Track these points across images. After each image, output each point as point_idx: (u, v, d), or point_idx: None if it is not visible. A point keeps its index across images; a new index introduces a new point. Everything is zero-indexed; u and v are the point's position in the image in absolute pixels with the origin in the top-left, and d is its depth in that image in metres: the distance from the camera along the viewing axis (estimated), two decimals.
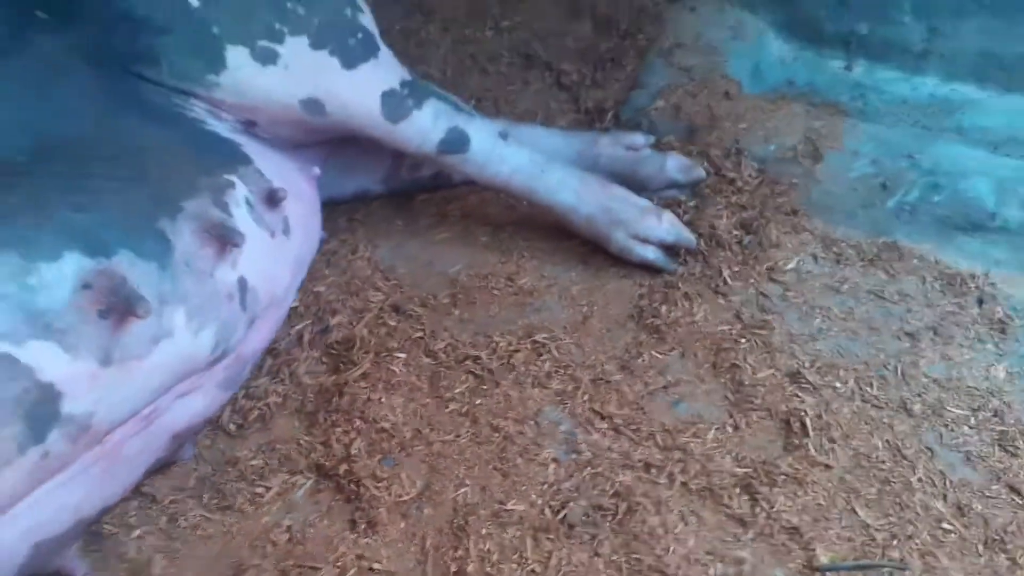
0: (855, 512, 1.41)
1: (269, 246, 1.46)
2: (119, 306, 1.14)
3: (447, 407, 1.56)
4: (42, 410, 1.09)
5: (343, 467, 1.42)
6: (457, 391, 1.59)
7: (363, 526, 1.35)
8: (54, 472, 1.15)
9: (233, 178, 1.44)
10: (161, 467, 1.41)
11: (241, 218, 1.39)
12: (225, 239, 1.31)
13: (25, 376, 1.07)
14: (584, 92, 2.48)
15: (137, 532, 1.34)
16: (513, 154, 1.87)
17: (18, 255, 1.10)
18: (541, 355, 1.68)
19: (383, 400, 1.55)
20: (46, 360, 1.09)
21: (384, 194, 2.10)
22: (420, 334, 1.70)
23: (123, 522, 1.36)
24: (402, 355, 1.64)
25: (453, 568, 1.30)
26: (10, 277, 1.08)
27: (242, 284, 1.37)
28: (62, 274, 1.12)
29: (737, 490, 1.43)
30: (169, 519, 1.36)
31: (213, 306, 1.30)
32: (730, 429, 1.55)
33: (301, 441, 1.49)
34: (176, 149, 1.42)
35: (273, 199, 1.49)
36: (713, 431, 1.53)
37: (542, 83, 2.58)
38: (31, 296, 1.09)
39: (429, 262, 1.93)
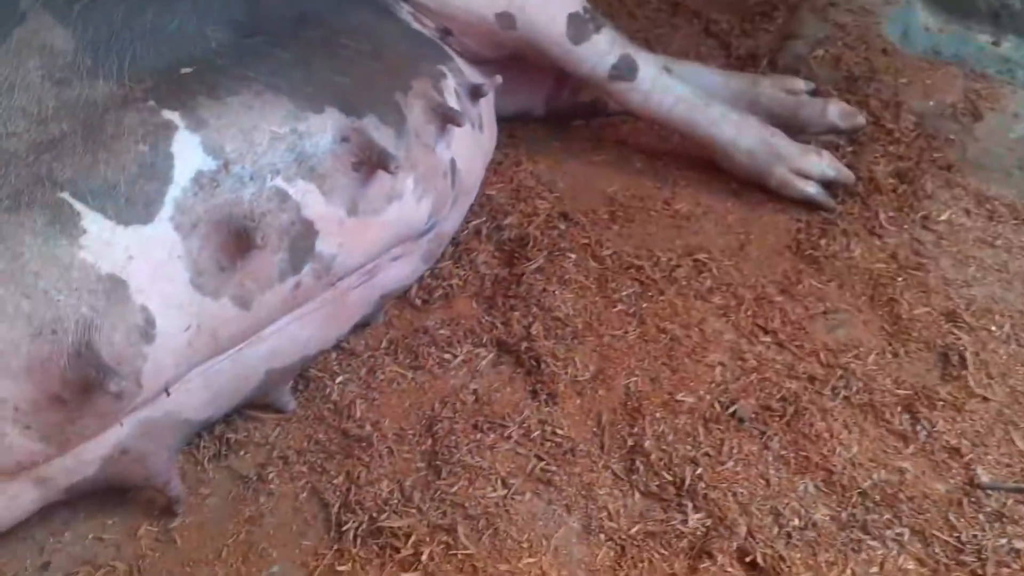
0: (1013, 442, 1.46)
1: (471, 136, 1.56)
2: (370, 160, 1.24)
3: (615, 307, 1.65)
4: (302, 243, 1.21)
5: (524, 344, 1.52)
6: (624, 294, 1.68)
7: (544, 396, 1.45)
8: (297, 305, 1.27)
9: (444, 69, 1.54)
10: (358, 327, 1.53)
11: (454, 105, 1.49)
12: (448, 118, 1.41)
13: (293, 210, 1.19)
14: (735, 40, 2.52)
15: (340, 379, 1.46)
16: (676, 86, 1.92)
17: (291, 102, 1.21)
18: (702, 272, 1.75)
19: (556, 293, 1.64)
20: (309, 199, 1.21)
21: (542, 116, 2.18)
22: (586, 240, 1.79)
23: (327, 369, 1.48)
24: (572, 256, 1.73)
25: (630, 443, 1.39)
26: (284, 120, 1.20)
27: (453, 165, 1.47)
28: (324, 125, 1.23)
29: (898, 409, 1.49)
30: (368, 371, 1.48)
31: (433, 178, 1.40)
32: (889, 355, 1.60)
33: (482, 320, 1.59)
34: (399, 37, 1.52)
35: (477, 94, 1.58)
36: (873, 355, 1.59)
37: (690, 29, 2.62)
38: (300, 140, 1.20)
39: (587, 181, 2.00)
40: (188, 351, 1.13)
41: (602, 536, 1.26)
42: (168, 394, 1.14)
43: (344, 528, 1.23)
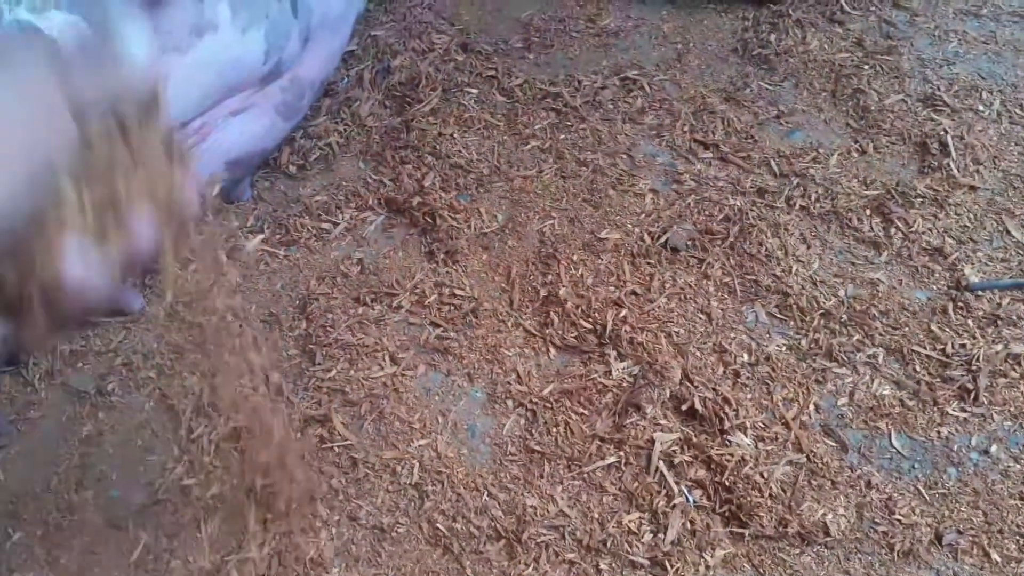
0: (1008, 232, 1.21)
1: None
2: None
3: (527, 144, 1.39)
4: None
5: (416, 200, 1.27)
6: (537, 127, 1.41)
7: (441, 256, 1.21)
8: None
9: None
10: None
11: None
12: None
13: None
14: None
15: (193, 266, 1.22)
16: None
17: None
18: (631, 91, 1.48)
19: (455, 136, 1.38)
20: (71, 36, 0.93)
21: None
22: (492, 72, 1.51)
23: (177, 256, 1.24)
24: (473, 91, 1.46)
25: (543, 293, 1.16)
26: None
27: None
28: None
29: (867, 212, 1.24)
30: (228, 253, 1.24)
31: (260, 2, 1.12)
32: (855, 154, 1.34)
33: (368, 179, 1.34)
34: None
35: None
36: (836, 156, 1.33)
37: None
38: None
39: (497, 9, 1.71)
40: None
41: (510, 403, 1.04)
42: None
43: (195, 436, 1.02)
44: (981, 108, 1.40)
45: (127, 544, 0.95)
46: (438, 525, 0.93)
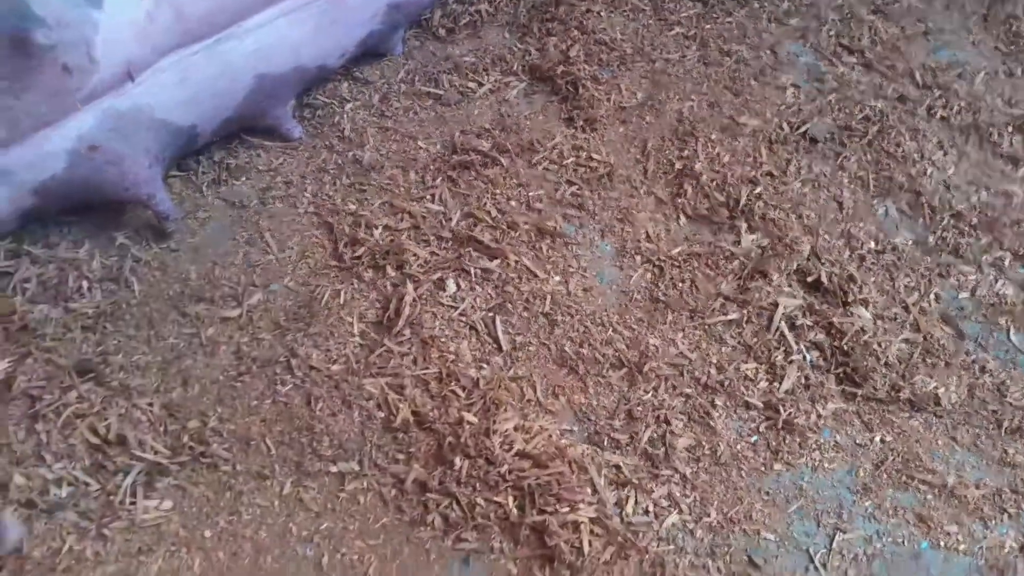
0: None
1: None
2: None
3: (671, 30, 1.41)
4: None
5: (560, 69, 1.32)
6: (683, 15, 1.44)
7: (580, 123, 1.26)
8: None
9: None
10: (372, 58, 1.35)
11: None
12: None
13: None
14: None
15: (350, 105, 1.30)
16: None
17: None
18: None
19: (602, 15, 1.41)
20: None
21: None
22: None
23: (336, 96, 1.32)
24: None
25: (678, 166, 1.20)
26: None
27: None
28: None
29: (1009, 129, 1.25)
30: (381, 98, 1.31)
31: None
32: (1003, 76, 1.34)
33: (514, 48, 1.39)
34: None
35: None
36: (982, 75, 1.33)
37: None
38: None
39: None
40: (150, 27, 0.99)
41: (638, 258, 1.10)
42: (133, 79, 1.00)
43: (351, 248, 1.10)
44: None
45: (278, 331, 1.04)
46: (566, 349, 1.00)
